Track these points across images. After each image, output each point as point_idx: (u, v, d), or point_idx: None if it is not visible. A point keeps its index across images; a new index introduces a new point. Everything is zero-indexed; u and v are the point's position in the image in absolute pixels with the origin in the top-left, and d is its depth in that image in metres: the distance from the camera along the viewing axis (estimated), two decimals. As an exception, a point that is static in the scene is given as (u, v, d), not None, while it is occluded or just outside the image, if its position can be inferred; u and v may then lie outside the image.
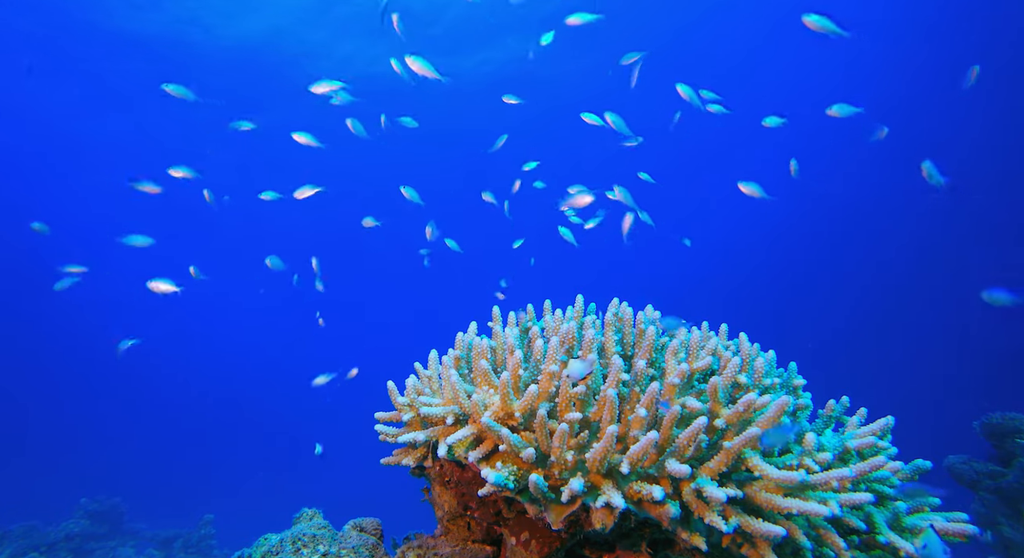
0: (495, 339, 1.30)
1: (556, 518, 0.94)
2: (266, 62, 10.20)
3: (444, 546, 1.21)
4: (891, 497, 1.07)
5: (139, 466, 12.17)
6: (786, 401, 0.94)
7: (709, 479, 0.92)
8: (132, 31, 9.26)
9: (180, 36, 9.42)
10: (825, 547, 0.94)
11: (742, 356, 1.19)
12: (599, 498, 0.91)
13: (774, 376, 1.21)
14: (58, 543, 5.76)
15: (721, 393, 1.00)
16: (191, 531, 6.68)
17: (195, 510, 7.06)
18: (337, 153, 13.13)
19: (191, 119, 11.61)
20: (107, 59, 9.84)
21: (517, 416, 1.04)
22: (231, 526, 7.63)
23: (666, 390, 1.04)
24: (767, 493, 0.91)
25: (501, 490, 0.97)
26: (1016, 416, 3.32)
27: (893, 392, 13.39)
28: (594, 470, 0.94)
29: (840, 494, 0.92)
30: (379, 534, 1.42)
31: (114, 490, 6.76)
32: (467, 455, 1.04)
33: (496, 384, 1.13)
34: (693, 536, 0.91)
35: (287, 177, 14.68)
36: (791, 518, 0.91)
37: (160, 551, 6.38)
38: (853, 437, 1.12)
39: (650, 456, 0.94)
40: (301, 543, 1.27)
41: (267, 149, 12.44)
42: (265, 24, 9.39)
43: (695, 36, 10.31)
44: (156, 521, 6.95)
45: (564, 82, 11.24)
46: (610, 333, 1.20)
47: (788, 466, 0.97)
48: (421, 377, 1.27)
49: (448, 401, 1.14)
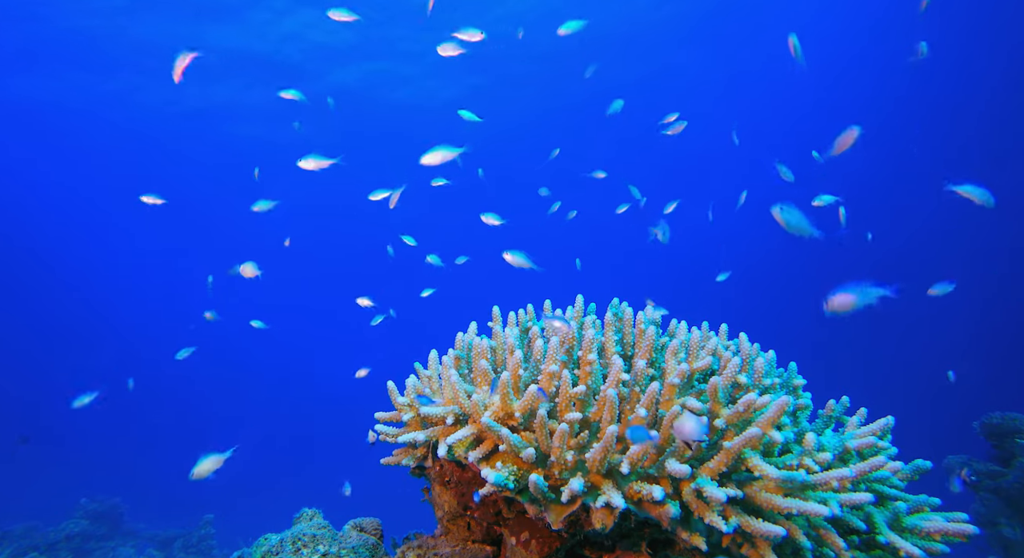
0: (495, 339, 1.30)
1: (556, 518, 0.94)
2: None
3: (444, 546, 1.21)
4: (891, 497, 1.07)
5: (139, 466, 12.16)
6: (786, 401, 0.94)
7: (709, 479, 0.92)
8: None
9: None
10: (825, 547, 0.94)
11: (742, 356, 1.19)
12: (599, 498, 0.91)
13: (774, 376, 1.21)
14: (58, 543, 5.76)
15: (721, 393, 1.00)
16: (191, 531, 6.68)
17: (195, 510, 7.05)
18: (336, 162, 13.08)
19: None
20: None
21: (517, 416, 1.04)
22: (231, 526, 7.63)
23: (666, 390, 1.04)
24: (767, 493, 0.91)
25: (501, 490, 0.97)
26: (1016, 416, 3.32)
27: (893, 392, 13.39)
28: (594, 470, 0.94)
29: (840, 494, 0.92)
30: (379, 534, 1.42)
31: (114, 490, 6.76)
32: (467, 455, 1.04)
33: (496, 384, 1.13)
34: (693, 536, 0.91)
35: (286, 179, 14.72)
36: (791, 518, 0.91)
37: (160, 551, 6.38)
38: (853, 437, 1.12)
39: (650, 456, 0.94)
40: (301, 543, 1.27)
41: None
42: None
43: (697, 36, 10.31)
44: (156, 521, 6.94)
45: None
46: (610, 333, 1.20)
47: (788, 466, 0.97)
48: (421, 377, 1.27)
49: (448, 401, 1.14)
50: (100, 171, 13.66)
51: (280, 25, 9.24)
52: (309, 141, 12.86)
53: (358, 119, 11.74)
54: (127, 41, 9.15)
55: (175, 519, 7.13)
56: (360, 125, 12.02)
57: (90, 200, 15.12)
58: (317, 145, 4.27)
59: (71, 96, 10.64)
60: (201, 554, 6.51)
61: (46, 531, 5.87)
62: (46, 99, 10.70)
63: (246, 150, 12.77)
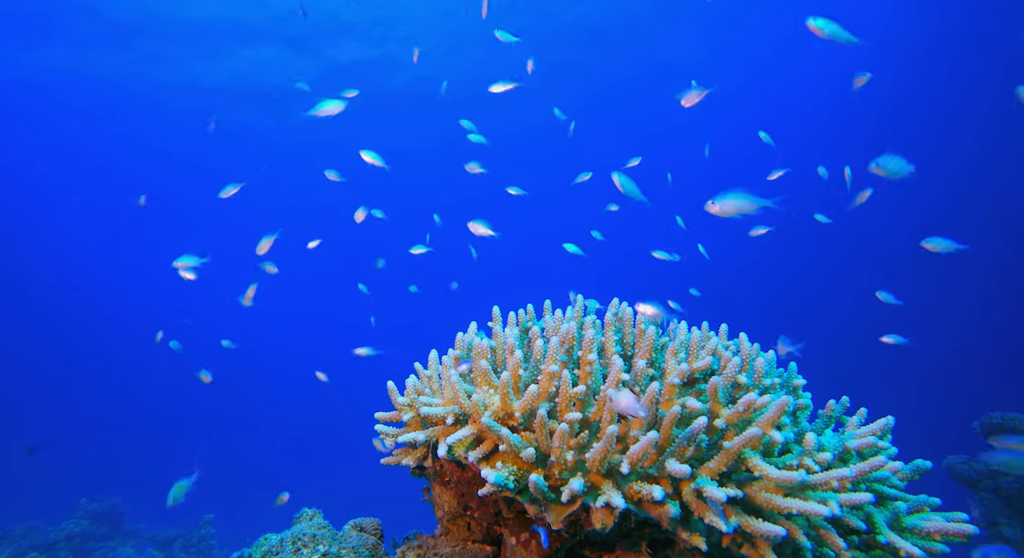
0: (495, 339, 1.30)
1: (556, 518, 0.94)
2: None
3: (444, 546, 1.21)
4: (891, 497, 1.07)
5: (139, 466, 12.16)
6: (786, 401, 0.94)
7: (709, 479, 0.92)
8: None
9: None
10: (825, 547, 0.94)
11: (742, 356, 1.19)
12: (599, 498, 0.91)
13: (774, 376, 1.21)
14: (58, 543, 5.76)
15: (721, 393, 1.00)
16: (191, 531, 6.68)
17: (195, 510, 7.05)
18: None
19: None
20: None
21: (517, 416, 1.04)
22: (231, 526, 7.62)
23: (666, 390, 1.04)
24: (767, 493, 0.91)
25: (501, 490, 0.97)
26: (1016, 416, 3.32)
27: (893, 392, 13.38)
28: (594, 470, 0.94)
29: (840, 494, 0.92)
30: (379, 534, 1.42)
31: (114, 490, 6.76)
32: (467, 455, 1.04)
33: (496, 384, 1.13)
34: (693, 536, 0.91)
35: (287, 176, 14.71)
36: (791, 518, 0.91)
37: (160, 551, 6.38)
38: (853, 437, 1.12)
39: (650, 456, 0.94)
40: (301, 543, 1.27)
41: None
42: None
43: (698, 37, 10.31)
44: (156, 521, 6.94)
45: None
46: (610, 333, 1.20)
47: (788, 466, 0.97)
48: (421, 377, 1.27)
49: (448, 401, 1.14)
50: (100, 171, 13.67)
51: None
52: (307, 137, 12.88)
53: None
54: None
55: (175, 519, 7.12)
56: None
57: (89, 200, 15.13)
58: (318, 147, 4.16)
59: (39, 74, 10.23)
60: (201, 554, 6.51)
61: (46, 531, 5.87)
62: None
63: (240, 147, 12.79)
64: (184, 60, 10.05)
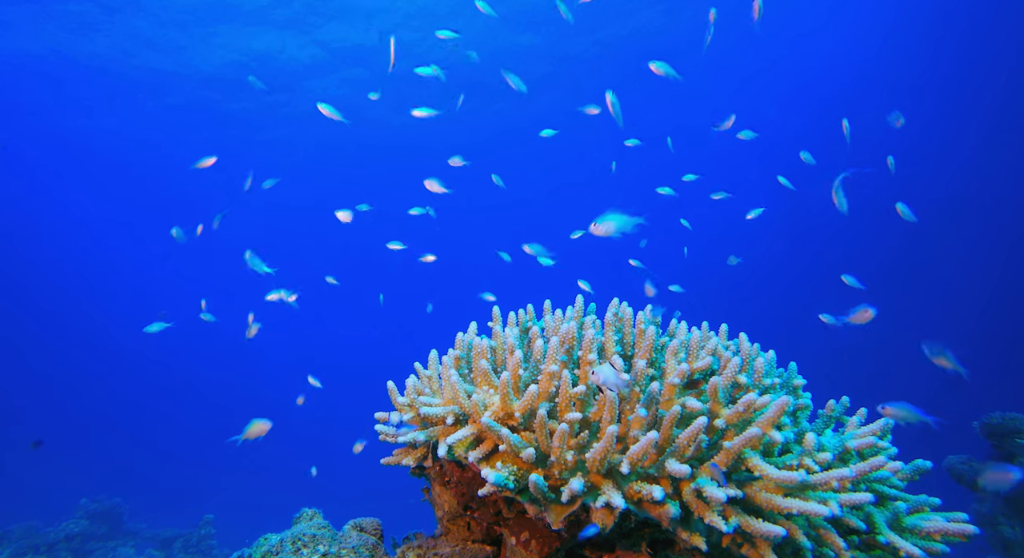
0: (495, 339, 1.29)
1: (556, 518, 0.94)
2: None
3: (444, 546, 1.21)
4: (891, 497, 1.07)
5: (139, 466, 12.16)
6: (786, 401, 0.94)
7: (709, 479, 0.92)
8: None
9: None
10: (825, 547, 0.94)
11: (742, 356, 1.19)
12: (599, 498, 0.91)
13: (774, 376, 1.21)
14: (58, 543, 5.76)
15: (721, 393, 1.00)
16: (191, 531, 6.68)
17: (195, 510, 7.05)
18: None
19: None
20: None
21: (517, 416, 1.04)
22: (231, 526, 7.62)
23: (666, 390, 1.04)
24: (767, 493, 0.91)
25: (501, 490, 0.97)
26: (1016, 416, 3.32)
27: (892, 392, 13.37)
28: (594, 470, 0.94)
29: (840, 494, 0.92)
30: (379, 534, 1.42)
31: (114, 490, 6.76)
32: (467, 455, 1.04)
33: (496, 384, 1.13)
34: (693, 536, 0.91)
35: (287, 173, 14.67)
36: (791, 518, 0.91)
37: (160, 551, 6.38)
38: (853, 437, 1.12)
39: (650, 456, 0.94)
40: (301, 543, 1.27)
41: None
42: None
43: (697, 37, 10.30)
44: (156, 521, 6.94)
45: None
46: (610, 333, 1.19)
47: (788, 466, 0.97)
48: (421, 377, 1.27)
49: (448, 401, 1.14)
50: (100, 171, 13.66)
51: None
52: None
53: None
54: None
55: (175, 519, 7.13)
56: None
57: (90, 200, 15.12)
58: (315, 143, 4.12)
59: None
60: (201, 554, 6.51)
61: (46, 531, 5.87)
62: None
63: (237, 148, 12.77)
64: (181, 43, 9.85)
